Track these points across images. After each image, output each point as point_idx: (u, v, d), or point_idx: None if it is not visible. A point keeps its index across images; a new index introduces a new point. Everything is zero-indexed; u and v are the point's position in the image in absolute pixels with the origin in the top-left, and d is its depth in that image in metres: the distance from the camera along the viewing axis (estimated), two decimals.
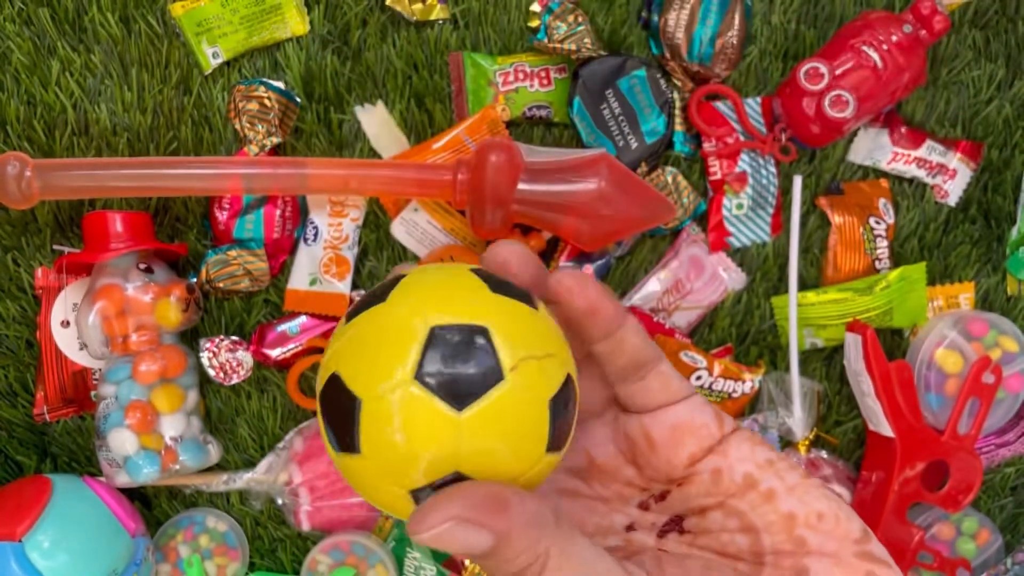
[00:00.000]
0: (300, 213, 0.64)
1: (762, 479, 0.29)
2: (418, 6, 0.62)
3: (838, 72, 0.64)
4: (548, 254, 0.66)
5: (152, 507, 0.65)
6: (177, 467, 0.60)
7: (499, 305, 0.27)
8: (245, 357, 0.64)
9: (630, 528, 0.31)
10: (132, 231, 0.59)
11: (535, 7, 0.64)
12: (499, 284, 0.27)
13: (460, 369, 0.25)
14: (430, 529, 0.23)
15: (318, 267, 0.63)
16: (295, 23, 0.61)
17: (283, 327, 0.64)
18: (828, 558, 0.28)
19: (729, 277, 0.67)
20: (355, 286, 0.64)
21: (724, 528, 0.29)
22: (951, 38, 0.68)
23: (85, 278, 0.62)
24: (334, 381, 0.26)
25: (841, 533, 0.28)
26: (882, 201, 0.68)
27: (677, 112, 0.66)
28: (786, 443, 0.68)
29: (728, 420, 0.31)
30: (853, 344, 0.65)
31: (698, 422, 0.30)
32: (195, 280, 0.62)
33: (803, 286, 0.68)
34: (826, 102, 0.64)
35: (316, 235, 0.63)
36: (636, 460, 0.31)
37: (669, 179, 0.65)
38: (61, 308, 0.62)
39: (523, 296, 0.28)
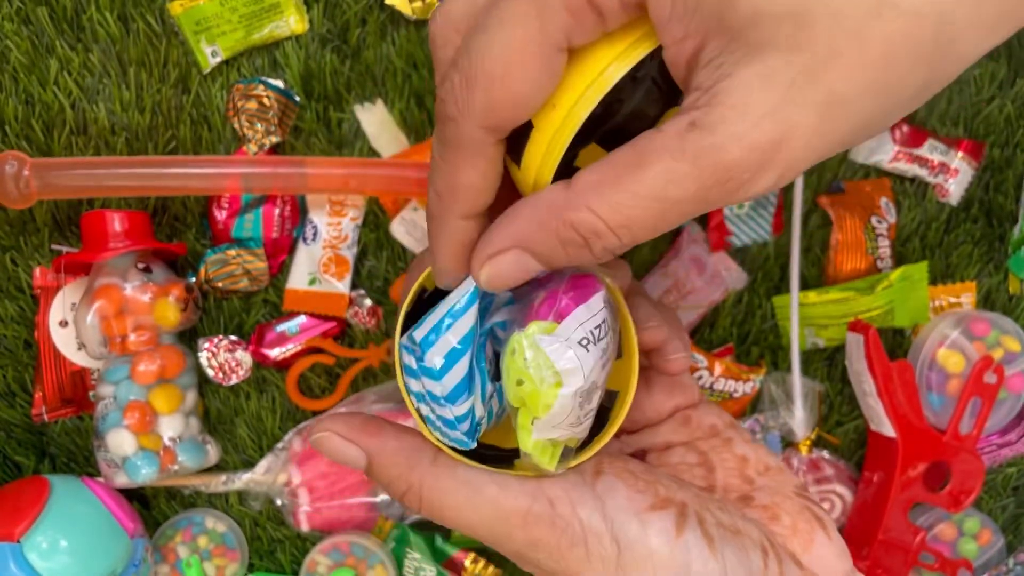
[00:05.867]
0: (299, 212, 0.64)
1: (724, 431, 0.35)
2: (417, 4, 0.62)
3: None
4: None
5: (151, 508, 0.65)
6: (176, 468, 0.59)
7: None
8: (244, 357, 0.63)
9: None
10: (131, 231, 0.58)
11: None
12: None
13: None
14: (314, 434, 0.29)
15: (317, 267, 0.63)
16: (294, 21, 0.61)
17: (282, 327, 0.64)
18: (771, 491, 0.32)
19: (730, 277, 0.67)
20: (354, 286, 0.64)
21: (684, 460, 0.34)
22: None
23: (83, 278, 0.61)
24: None
25: (784, 480, 0.33)
26: (884, 200, 0.68)
27: None
28: (787, 443, 0.68)
29: (701, 391, 0.37)
30: (855, 344, 0.65)
31: (687, 383, 0.36)
32: (194, 280, 0.62)
33: (804, 286, 0.68)
34: None
35: (315, 234, 0.63)
36: None
37: None
38: (59, 308, 0.62)
39: None
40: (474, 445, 0.29)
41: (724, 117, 0.22)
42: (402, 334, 0.29)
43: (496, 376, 0.30)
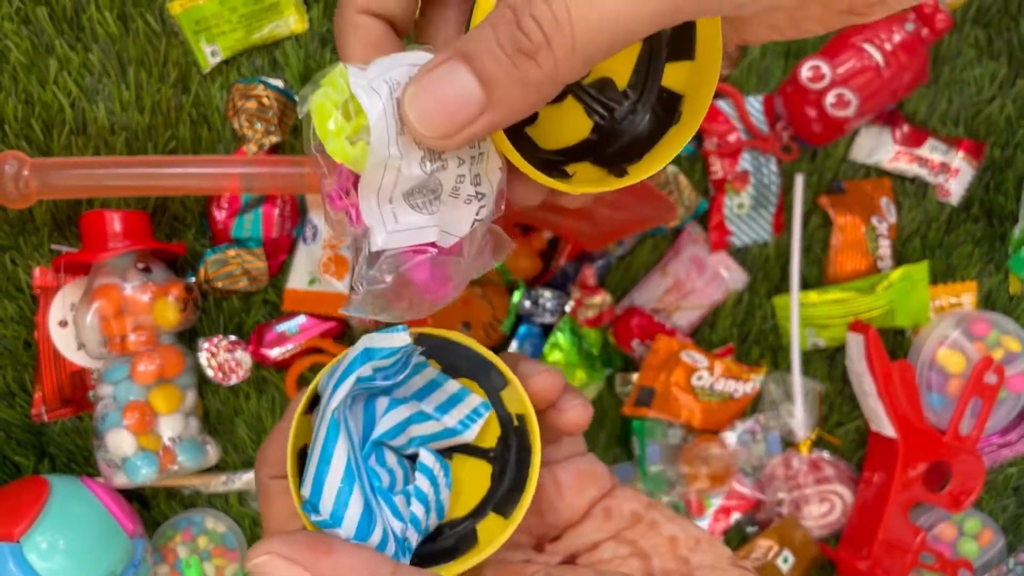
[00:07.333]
0: (299, 212, 0.63)
1: (646, 514, 0.33)
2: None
3: (840, 70, 0.63)
4: (548, 254, 0.66)
5: (150, 508, 0.65)
6: (175, 468, 0.59)
7: None
8: (244, 357, 0.63)
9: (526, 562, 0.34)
10: (130, 230, 0.58)
11: None
12: None
13: None
14: (252, 559, 0.25)
15: (317, 267, 0.63)
16: (294, 21, 0.61)
17: (282, 327, 0.63)
18: (708, 568, 0.31)
19: (730, 277, 0.67)
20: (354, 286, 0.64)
21: (616, 555, 0.33)
22: (953, 36, 0.67)
23: (83, 278, 0.61)
24: None
25: (716, 552, 0.32)
26: (884, 200, 0.68)
27: None
28: (788, 443, 0.68)
29: (614, 475, 0.35)
30: (855, 344, 0.65)
31: (598, 471, 0.34)
32: (193, 280, 0.62)
33: (805, 286, 0.68)
34: (828, 101, 0.63)
35: (315, 234, 0.63)
36: (540, 506, 0.34)
37: (670, 178, 0.65)
38: (59, 308, 0.62)
39: None
40: (407, 561, 0.28)
41: None
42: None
43: (406, 479, 0.30)
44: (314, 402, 0.30)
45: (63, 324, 0.62)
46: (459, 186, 0.26)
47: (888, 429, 0.65)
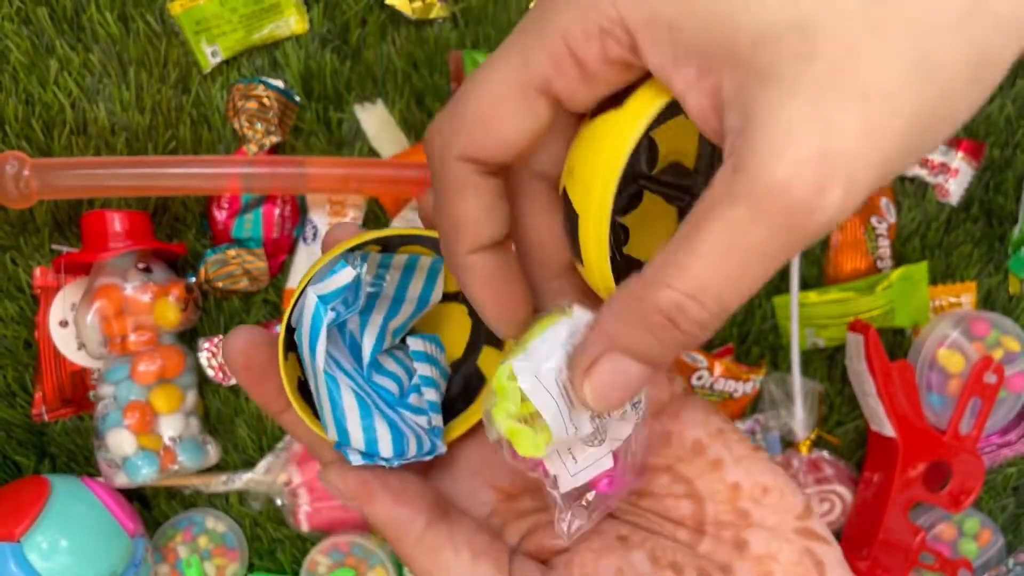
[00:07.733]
0: (299, 212, 0.64)
1: (711, 447, 0.30)
2: (418, 4, 0.62)
3: None
4: None
5: (151, 508, 0.65)
6: (176, 467, 0.59)
7: None
8: None
9: None
10: (131, 230, 0.58)
11: (535, 4, 0.63)
12: None
13: None
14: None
15: None
16: (294, 22, 0.61)
17: None
18: (768, 531, 0.28)
19: None
20: None
21: (670, 492, 0.30)
22: None
23: (83, 278, 0.62)
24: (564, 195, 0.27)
25: (784, 507, 0.29)
26: (884, 200, 0.68)
27: None
28: (787, 443, 0.68)
29: (679, 381, 0.31)
30: (855, 344, 0.65)
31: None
32: (194, 280, 0.62)
33: (804, 286, 0.68)
34: None
35: (315, 235, 0.63)
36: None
37: None
38: (59, 308, 0.62)
39: None
40: (443, 448, 0.30)
41: (757, 149, 0.21)
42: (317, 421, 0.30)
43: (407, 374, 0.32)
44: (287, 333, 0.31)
45: (64, 324, 0.62)
46: (621, 409, 0.29)
47: (888, 429, 0.65)
